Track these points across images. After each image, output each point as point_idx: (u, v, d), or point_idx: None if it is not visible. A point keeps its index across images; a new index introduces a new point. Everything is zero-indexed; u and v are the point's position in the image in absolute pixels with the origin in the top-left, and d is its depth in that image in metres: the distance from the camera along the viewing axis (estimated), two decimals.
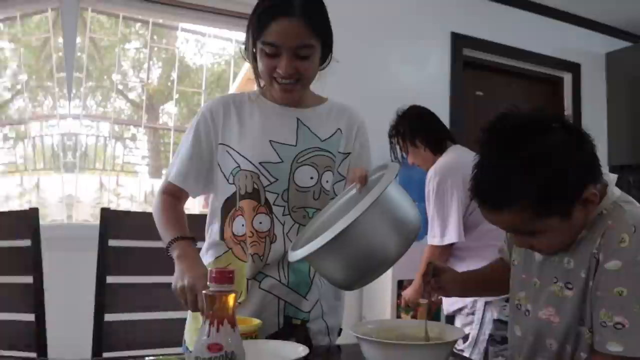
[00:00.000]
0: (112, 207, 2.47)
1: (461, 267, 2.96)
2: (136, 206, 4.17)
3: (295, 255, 1.51)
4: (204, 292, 1.13)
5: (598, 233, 1.44)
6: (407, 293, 3.37)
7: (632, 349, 1.33)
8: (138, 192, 4.21)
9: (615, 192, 1.51)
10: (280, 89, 1.86)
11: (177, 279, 1.66)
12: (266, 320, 1.72)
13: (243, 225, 1.87)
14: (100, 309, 2.17)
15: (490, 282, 1.99)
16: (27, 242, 2.31)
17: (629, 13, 5.91)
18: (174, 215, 1.92)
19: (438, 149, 3.29)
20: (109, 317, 2.18)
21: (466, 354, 2.87)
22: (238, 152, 1.89)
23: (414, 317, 3.57)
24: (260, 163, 1.86)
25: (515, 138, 1.41)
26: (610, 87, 6.20)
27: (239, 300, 1.61)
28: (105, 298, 2.19)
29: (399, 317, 3.72)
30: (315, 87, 1.99)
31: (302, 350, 1.44)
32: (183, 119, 4.46)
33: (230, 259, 1.88)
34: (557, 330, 1.53)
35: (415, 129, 3.34)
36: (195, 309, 1.59)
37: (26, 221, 2.34)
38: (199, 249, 1.94)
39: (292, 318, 1.88)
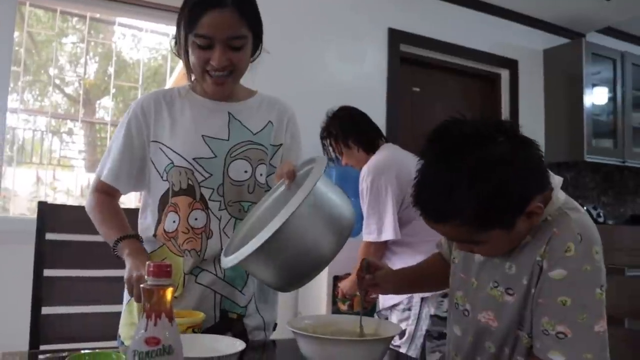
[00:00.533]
0: (49, 201, 2.46)
1: (397, 261, 3.03)
2: (72, 200, 4.16)
3: (226, 262, 1.50)
4: (141, 286, 1.11)
5: (542, 240, 1.43)
6: (345, 285, 3.38)
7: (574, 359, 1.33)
8: (74, 186, 4.19)
9: (560, 196, 1.48)
10: (212, 82, 1.87)
11: (132, 270, 1.67)
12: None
13: (174, 221, 1.88)
14: (37, 302, 2.14)
15: (426, 279, 1.98)
16: None
17: (566, 9, 5.93)
18: (111, 213, 1.94)
19: (371, 149, 3.29)
20: (45, 310, 2.15)
21: (403, 350, 2.90)
22: (171, 149, 1.90)
23: (351, 306, 3.59)
24: (194, 159, 1.87)
25: (459, 148, 1.36)
26: (547, 83, 6.22)
27: (175, 295, 1.64)
28: (42, 291, 2.15)
29: (335, 309, 3.68)
30: (246, 80, 2.00)
31: (239, 344, 1.45)
32: (120, 114, 4.42)
33: (166, 253, 1.90)
34: (496, 333, 1.53)
35: (347, 130, 3.34)
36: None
37: None
38: None
39: (228, 312, 1.89)
